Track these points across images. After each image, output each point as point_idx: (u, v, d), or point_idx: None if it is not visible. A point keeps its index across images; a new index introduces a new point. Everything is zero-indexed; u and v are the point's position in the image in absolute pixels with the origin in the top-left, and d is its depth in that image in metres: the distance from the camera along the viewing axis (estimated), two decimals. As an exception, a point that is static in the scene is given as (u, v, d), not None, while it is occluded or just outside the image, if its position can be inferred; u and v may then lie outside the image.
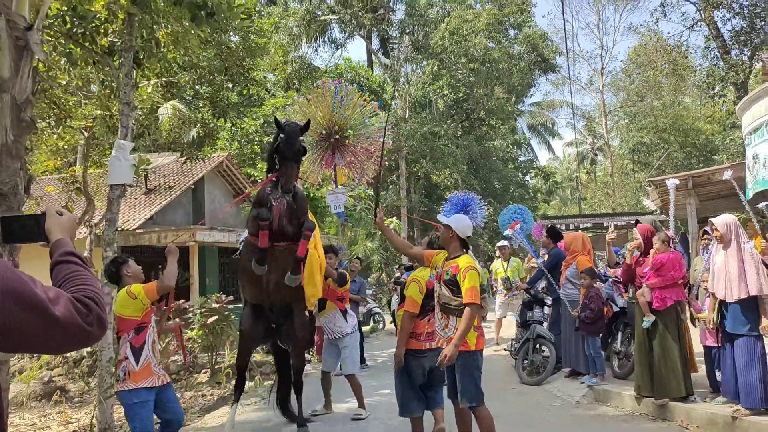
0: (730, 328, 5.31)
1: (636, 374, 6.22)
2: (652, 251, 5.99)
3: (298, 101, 6.82)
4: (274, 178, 5.55)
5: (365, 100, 6.63)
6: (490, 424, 4.53)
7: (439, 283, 4.61)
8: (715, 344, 5.79)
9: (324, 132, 6.47)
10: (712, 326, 5.54)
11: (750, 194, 9.66)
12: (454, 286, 4.47)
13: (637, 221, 6.86)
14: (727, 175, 7.20)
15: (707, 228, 6.09)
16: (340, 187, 7.14)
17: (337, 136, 6.48)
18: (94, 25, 6.95)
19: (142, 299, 4.24)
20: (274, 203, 5.40)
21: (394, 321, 12.03)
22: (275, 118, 5.69)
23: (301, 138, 5.52)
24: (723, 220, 5.46)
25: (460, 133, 26.84)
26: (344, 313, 6.65)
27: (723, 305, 5.40)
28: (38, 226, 1.72)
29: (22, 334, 1.34)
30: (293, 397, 6.15)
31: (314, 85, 6.69)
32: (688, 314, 6.23)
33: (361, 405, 6.54)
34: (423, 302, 5.01)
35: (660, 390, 5.84)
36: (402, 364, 4.97)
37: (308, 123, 5.87)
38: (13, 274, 1.36)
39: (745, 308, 5.22)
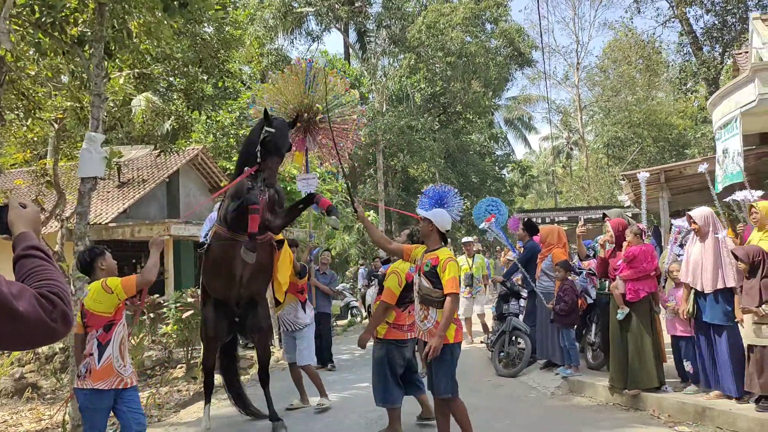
0: (708, 318, 5.42)
1: (610, 366, 6.31)
2: (624, 244, 6.08)
3: (270, 80, 6.46)
4: (252, 172, 5.43)
5: (336, 77, 6.37)
6: (464, 415, 4.60)
7: (419, 274, 4.64)
8: (684, 334, 5.90)
9: (295, 113, 6.25)
10: (685, 316, 5.65)
11: (719, 188, 9.83)
12: (434, 277, 4.51)
13: (605, 215, 6.96)
14: (702, 168, 7.33)
15: (674, 221, 6.23)
16: (312, 171, 6.97)
17: (309, 116, 6.27)
18: (63, 14, 6.80)
19: (119, 294, 4.03)
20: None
21: (370, 315, 11.99)
22: (265, 110, 5.48)
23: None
24: (701, 213, 5.58)
25: (437, 127, 26.89)
26: (303, 304, 6.66)
27: (698, 296, 5.51)
28: (0, 219, 1.66)
29: None
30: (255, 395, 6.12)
31: (287, 65, 6.33)
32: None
33: (323, 394, 6.53)
34: (402, 294, 5.06)
35: (633, 381, 5.94)
36: (364, 347, 5.18)
37: (296, 119, 5.95)
38: None
39: (723, 299, 5.35)
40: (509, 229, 11.20)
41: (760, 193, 5.90)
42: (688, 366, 5.89)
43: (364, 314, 14.71)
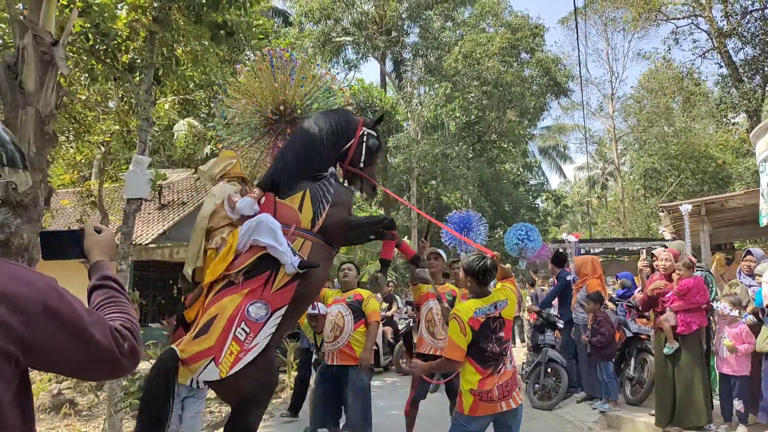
0: None
1: (657, 404, 6.11)
2: (674, 276, 5.93)
3: (243, 74, 5.01)
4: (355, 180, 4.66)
5: (324, 71, 5.13)
6: None
7: None
8: (736, 374, 5.64)
9: (274, 112, 4.86)
10: (767, 350, 5.43)
11: (763, 222, 9.61)
12: None
13: (665, 247, 6.82)
14: None
15: (751, 249, 6.09)
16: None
17: (288, 114, 4.91)
18: (116, 42, 7.09)
19: (515, 293, 3.91)
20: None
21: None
22: (382, 115, 4.83)
23: None
24: None
25: (471, 155, 26.91)
26: None
27: None
28: (77, 243, 1.68)
29: (57, 354, 1.32)
30: None
31: (259, 54, 4.91)
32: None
33: None
34: None
35: (681, 418, 5.75)
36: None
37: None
38: (57, 293, 1.34)
39: None
40: (528, 258, 10.89)
41: None
42: (739, 405, 5.65)
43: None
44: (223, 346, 3.57)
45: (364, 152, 4.53)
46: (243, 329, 3.63)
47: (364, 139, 4.55)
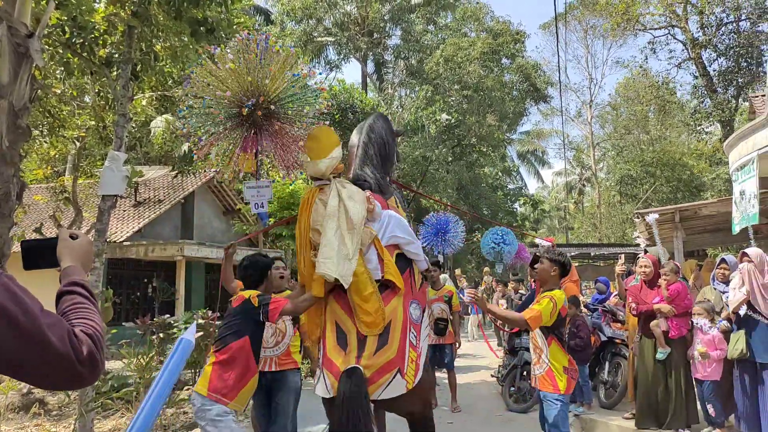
0: (761, 357, 5.19)
1: (639, 405, 6.16)
2: (662, 282, 5.99)
3: (212, 59, 4.40)
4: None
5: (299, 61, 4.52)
6: None
7: None
8: (707, 378, 5.72)
9: (243, 103, 4.29)
10: (737, 356, 5.41)
11: (736, 229, 9.78)
12: None
13: (646, 251, 6.91)
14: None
15: (726, 257, 6.19)
16: (263, 178, 5.14)
17: (265, 108, 4.35)
18: (93, 36, 6.98)
19: None
20: None
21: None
22: (405, 130, 4.83)
23: None
24: (755, 252, 5.52)
25: (450, 159, 27.03)
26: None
27: (749, 334, 5.31)
28: (52, 251, 1.62)
29: (7, 356, 1.23)
30: None
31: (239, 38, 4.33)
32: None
33: None
34: None
35: (672, 420, 5.82)
36: None
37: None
38: (8, 290, 1.25)
39: None
40: (509, 262, 10.99)
41: None
42: (711, 409, 5.73)
43: None
44: (404, 354, 3.25)
45: (394, 161, 4.49)
46: (413, 333, 3.36)
47: (395, 149, 4.53)
